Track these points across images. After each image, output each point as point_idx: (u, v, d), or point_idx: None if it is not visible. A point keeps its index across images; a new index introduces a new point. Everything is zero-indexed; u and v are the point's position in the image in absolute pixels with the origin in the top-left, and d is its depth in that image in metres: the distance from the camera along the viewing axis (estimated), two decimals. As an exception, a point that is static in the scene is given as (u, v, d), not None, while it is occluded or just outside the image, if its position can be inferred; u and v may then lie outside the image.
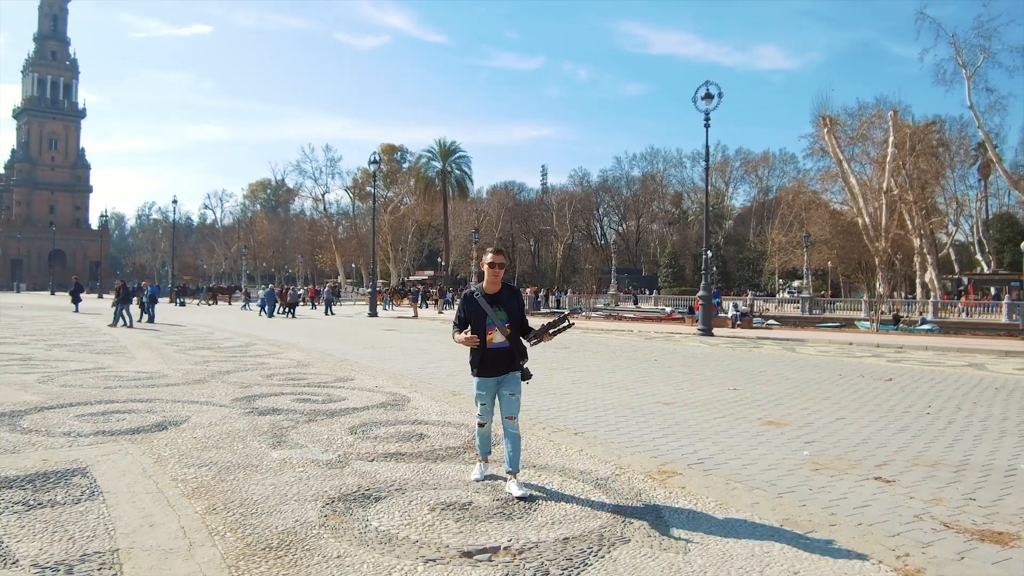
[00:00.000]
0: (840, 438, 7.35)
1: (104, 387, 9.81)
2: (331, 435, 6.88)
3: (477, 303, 5.13)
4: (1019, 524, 4.65)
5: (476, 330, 5.10)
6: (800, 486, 5.48)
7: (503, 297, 5.16)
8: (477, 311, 5.12)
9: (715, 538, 4.23)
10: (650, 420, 8.15)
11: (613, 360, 15.51)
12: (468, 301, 5.22)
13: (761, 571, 3.73)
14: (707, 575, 3.66)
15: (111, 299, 28.01)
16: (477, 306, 5.12)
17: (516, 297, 5.26)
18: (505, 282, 5.29)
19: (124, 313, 23.82)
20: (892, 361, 16.40)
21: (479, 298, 5.13)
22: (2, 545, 3.84)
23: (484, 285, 5.20)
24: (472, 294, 5.24)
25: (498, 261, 5.17)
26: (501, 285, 5.22)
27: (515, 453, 5.08)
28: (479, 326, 5.10)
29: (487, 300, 5.12)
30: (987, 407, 9.61)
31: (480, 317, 5.10)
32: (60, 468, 5.43)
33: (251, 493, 4.90)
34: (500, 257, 5.21)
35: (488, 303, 5.10)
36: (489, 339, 5.08)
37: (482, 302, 5.11)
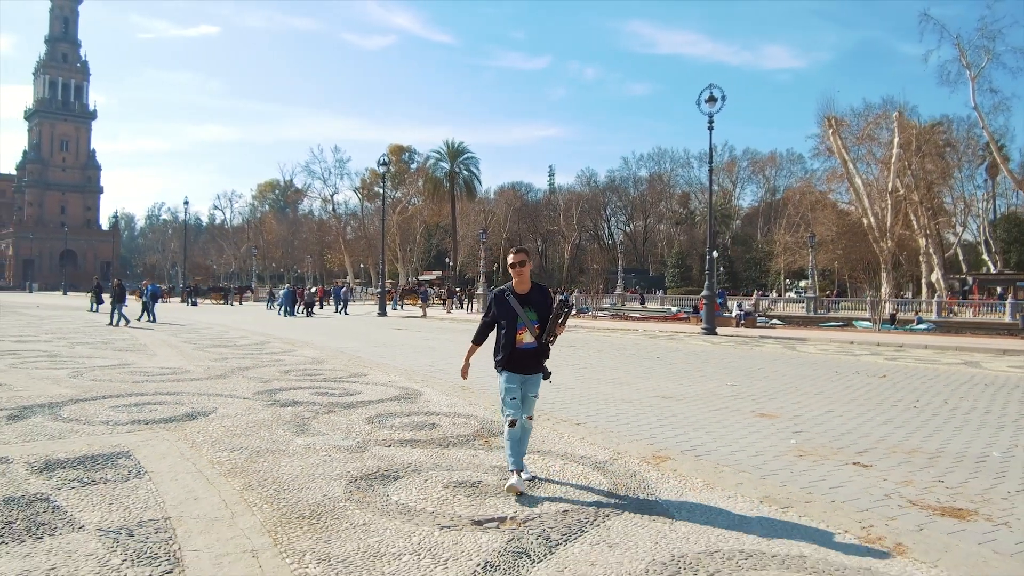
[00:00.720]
0: (827, 428, 7.82)
1: (132, 381, 10.36)
2: (350, 424, 7.38)
3: (508, 303, 5.10)
4: (979, 503, 5.12)
5: (508, 331, 5.09)
6: (783, 470, 5.95)
7: (533, 297, 5.13)
8: (508, 311, 5.09)
9: (700, 511, 4.72)
10: (648, 412, 8.64)
11: (616, 357, 15.99)
12: (499, 300, 5.17)
13: (738, 539, 4.21)
14: (689, 540, 4.15)
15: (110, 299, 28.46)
16: (508, 306, 5.09)
17: (546, 298, 5.20)
18: (537, 282, 5.26)
19: (117, 312, 24.17)
20: (889, 359, 16.82)
21: (510, 297, 5.11)
22: (67, 514, 4.35)
23: (514, 284, 5.16)
24: (503, 293, 5.17)
25: (517, 260, 5.13)
26: (531, 284, 5.20)
27: (524, 440, 5.26)
28: (510, 327, 5.08)
29: (517, 300, 5.09)
30: (973, 401, 10.05)
31: (511, 317, 5.07)
32: (105, 452, 5.95)
33: (281, 473, 5.41)
34: (521, 255, 5.16)
35: (519, 303, 5.08)
36: (519, 339, 5.08)
37: (513, 302, 5.09)
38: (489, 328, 5.28)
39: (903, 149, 49.40)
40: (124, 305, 24.79)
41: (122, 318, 24.21)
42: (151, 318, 27.47)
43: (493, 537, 4.11)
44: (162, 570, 3.52)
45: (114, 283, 26.03)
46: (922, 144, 50.54)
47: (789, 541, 4.18)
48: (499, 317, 5.14)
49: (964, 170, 64.54)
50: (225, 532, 4.09)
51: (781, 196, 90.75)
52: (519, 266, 5.13)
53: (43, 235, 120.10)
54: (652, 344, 20.75)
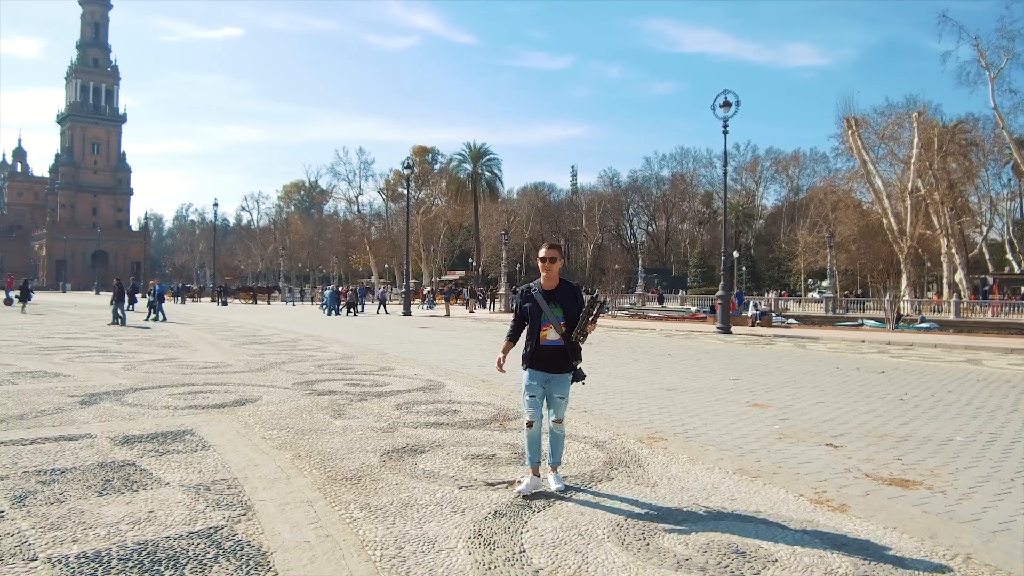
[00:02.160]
0: (812, 417, 8.61)
1: (181, 373, 11.37)
2: (380, 410, 8.29)
3: (534, 298, 5.04)
4: (927, 476, 5.90)
5: (532, 327, 5.06)
6: (761, 449, 6.77)
7: (560, 294, 5.06)
8: (533, 307, 5.04)
9: (679, 479, 5.55)
10: (651, 402, 9.46)
11: (629, 354, 16.80)
12: (525, 296, 5.14)
13: (707, 498, 5.05)
14: (664, 499, 4.99)
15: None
16: (534, 301, 5.04)
17: (574, 294, 5.13)
18: (565, 279, 5.19)
19: (119, 311, 24.55)
20: (895, 357, 17.47)
21: (536, 293, 5.05)
22: (153, 475, 5.29)
23: (541, 280, 5.12)
24: (529, 289, 5.14)
25: (549, 255, 5.06)
26: (559, 281, 5.13)
27: (558, 451, 5.20)
28: (535, 322, 5.04)
29: (543, 296, 5.03)
30: (958, 395, 10.76)
31: (536, 313, 5.03)
32: (172, 430, 6.90)
33: (324, 447, 6.32)
34: (553, 251, 5.10)
35: (545, 299, 5.02)
36: (543, 336, 5.01)
37: (539, 298, 5.02)
38: (521, 324, 5.18)
39: (924, 149, 49.55)
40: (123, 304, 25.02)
41: (121, 317, 24.49)
42: (160, 317, 27.82)
43: (502, 494, 4.98)
44: (238, 513, 4.43)
45: (114, 282, 26.45)
46: (944, 143, 50.61)
47: (749, 501, 5.01)
48: (525, 313, 5.10)
49: (990, 169, 64.39)
50: (283, 488, 5.00)
51: (804, 196, 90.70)
52: (550, 261, 5.05)
53: (75, 236, 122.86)
54: (666, 342, 21.52)
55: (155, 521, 4.26)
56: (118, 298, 24.93)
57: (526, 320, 5.11)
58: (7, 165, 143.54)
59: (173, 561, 3.66)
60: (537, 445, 5.11)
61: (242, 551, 3.82)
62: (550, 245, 5.14)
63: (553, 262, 5.06)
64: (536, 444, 5.11)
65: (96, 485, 4.99)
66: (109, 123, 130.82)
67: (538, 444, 5.12)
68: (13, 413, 7.58)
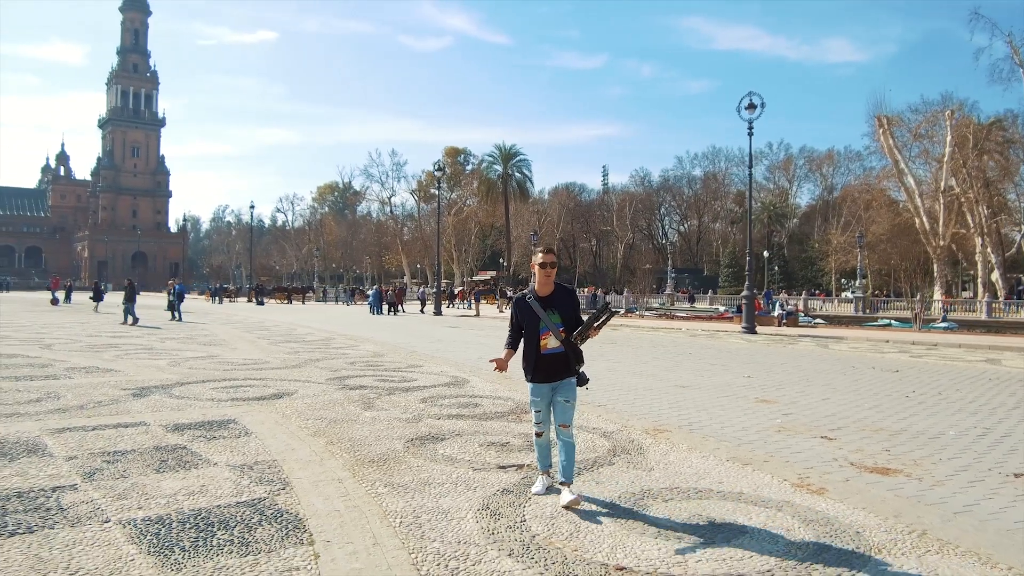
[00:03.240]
0: (815, 412, 9.05)
1: (222, 369, 12.12)
2: (407, 403, 8.91)
3: (530, 307, 4.90)
4: (909, 465, 6.35)
5: (528, 336, 4.93)
6: (758, 440, 7.25)
7: (556, 299, 4.92)
8: (529, 316, 4.90)
9: (675, 465, 6.08)
10: (663, 398, 9.97)
11: (651, 353, 17.27)
12: (520, 305, 5.00)
13: (696, 481, 5.57)
14: (658, 481, 5.52)
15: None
16: (530, 310, 4.90)
17: (570, 298, 4.99)
18: (559, 282, 5.04)
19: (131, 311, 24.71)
20: (915, 356, 17.71)
21: (531, 301, 4.90)
22: (202, 456, 5.95)
23: (536, 287, 5.00)
24: (524, 297, 5.00)
25: (549, 261, 4.91)
26: (554, 286, 4.98)
27: (569, 462, 4.92)
28: (532, 331, 4.90)
29: (539, 303, 4.90)
30: (965, 393, 11.10)
31: (533, 322, 4.88)
32: (216, 419, 7.59)
33: (354, 434, 6.95)
34: (551, 256, 4.96)
35: (541, 306, 4.87)
36: (543, 344, 4.87)
37: (535, 305, 4.88)
38: (518, 333, 5.04)
39: (958, 147, 49.11)
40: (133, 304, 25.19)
41: (129, 315, 24.61)
42: (177, 317, 28.14)
43: (512, 476, 5.55)
44: (277, 487, 5.06)
45: (126, 282, 26.77)
46: (980, 141, 50.06)
47: (737, 483, 5.52)
48: (521, 323, 4.98)
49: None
50: (317, 469, 5.63)
51: (838, 195, 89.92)
52: (551, 267, 4.92)
53: (116, 237, 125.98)
54: (690, 341, 21.93)
55: (207, 493, 4.91)
56: (129, 298, 25.22)
57: (523, 329, 4.98)
58: (51, 169, 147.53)
59: (224, 524, 4.30)
60: (547, 450, 5.13)
61: (281, 517, 4.44)
62: (547, 250, 5.01)
63: (554, 267, 4.95)
64: (545, 449, 5.11)
65: (153, 464, 5.66)
66: (148, 127, 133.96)
67: (548, 450, 5.13)
68: (74, 404, 8.33)
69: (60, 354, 14.07)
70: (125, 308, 25.08)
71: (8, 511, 4.44)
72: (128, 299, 25.28)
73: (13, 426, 6.97)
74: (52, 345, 16.00)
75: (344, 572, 3.62)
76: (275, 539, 4.07)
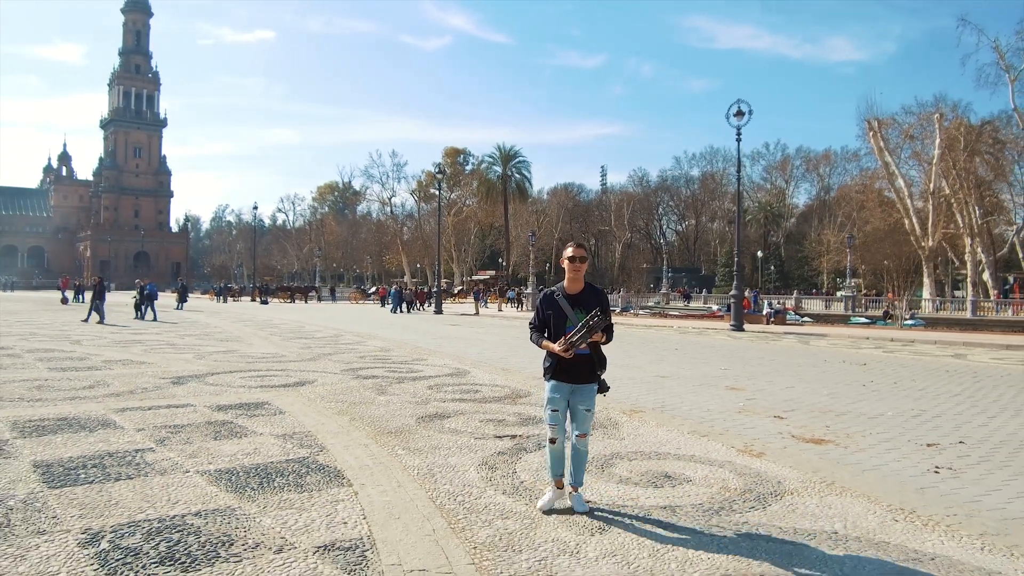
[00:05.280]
0: (776, 398, 10.24)
1: (245, 362, 13.30)
2: (415, 389, 10.10)
3: (557, 303, 4.74)
4: (841, 438, 7.53)
5: (555, 332, 4.72)
6: (719, 420, 8.44)
7: (585, 298, 4.72)
8: (557, 312, 4.73)
9: (643, 436, 7.26)
10: (643, 386, 11.16)
11: (640, 348, 18.46)
12: (548, 300, 4.83)
13: (658, 447, 6.75)
14: (627, 447, 6.71)
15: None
16: (557, 307, 4.73)
17: (599, 298, 4.76)
18: (589, 281, 4.88)
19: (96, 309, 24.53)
20: (888, 352, 18.89)
21: (560, 298, 4.74)
22: (249, 428, 7.13)
23: (565, 284, 4.80)
24: (553, 293, 4.83)
25: (579, 255, 4.73)
26: (584, 284, 4.81)
27: (580, 468, 4.86)
28: (558, 329, 4.70)
29: (568, 301, 4.73)
30: (919, 383, 12.29)
31: (560, 319, 4.71)
32: (252, 401, 8.77)
33: (372, 413, 8.14)
34: (581, 250, 4.77)
35: (569, 304, 4.71)
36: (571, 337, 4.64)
37: (563, 302, 4.71)
38: (541, 332, 4.86)
39: (948, 149, 50.27)
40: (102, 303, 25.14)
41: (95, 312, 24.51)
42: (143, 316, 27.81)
43: (506, 443, 6.74)
44: (316, 450, 6.25)
45: (95, 280, 26.47)
46: (971, 143, 51.17)
47: (691, 449, 6.70)
48: (547, 319, 4.80)
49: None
50: (345, 438, 6.81)
51: (834, 195, 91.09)
52: (580, 261, 4.73)
53: (119, 237, 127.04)
54: (679, 338, 23.13)
55: (259, 454, 6.09)
56: (99, 295, 25.01)
57: (548, 326, 4.80)
58: (53, 169, 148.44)
59: (279, 473, 5.49)
60: (560, 458, 4.88)
61: (323, 469, 5.63)
62: (578, 244, 4.80)
63: (583, 262, 4.75)
64: (559, 458, 4.87)
65: (210, 434, 6.85)
66: (150, 128, 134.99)
67: (561, 458, 4.88)
68: (124, 390, 9.52)
69: (91, 349, 15.25)
70: (93, 306, 24.77)
71: (107, 465, 5.63)
72: (97, 297, 25.01)
73: (80, 407, 8.15)
74: (80, 341, 17.17)
75: (379, 503, 4.80)
76: (321, 482, 5.26)
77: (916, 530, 4.55)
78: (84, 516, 4.41)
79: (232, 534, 4.16)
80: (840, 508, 4.98)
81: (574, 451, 4.82)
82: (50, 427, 7.00)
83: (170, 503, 4.72)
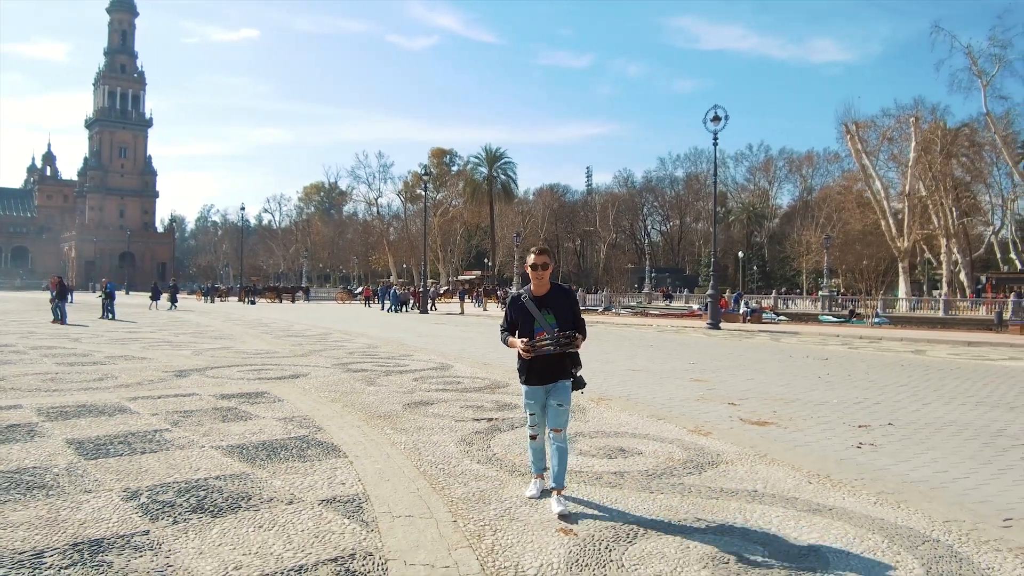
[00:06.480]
0: (735, 388, 11.12)
1: (241, 358, 14.08)
2: (402, 381, 10.92)
3: (524, 307, 4.87)
4: (784, 420, 8.41)
5: (523, 335, 4.86)
6: (678, 405, 9.30)
7: (551, 299, 4.86)
8: (524, 315, 4.87)
9: (607, 419, 8.11)
10: (614, 378, 12.02)
11: (617, 345, 19.35)
12: (514, 304, 4.97)
13: (618, 428, 7.61)
14: (590, 428, 7.55)
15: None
16: (525, 310, 4.87)
17: (566, 298, 4.92)
18: (556, 282, 5.00)
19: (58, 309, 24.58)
20: (853, 348, 19.86)
21: (527, 301, 4.87)
22: (252, 413, 7.93)
23: (532, 287, 4.94)
24: (519, 297, 4.96)
25: (540, 262, 4.82)
26: (550, 285, 4.92)
27: (561, 468, 4.85)
28: (526, 330, 4.84)
29: (535, 303, 4.85)
30: (872, 376, 13.21)
31: (528, 321, 4.84)
32: (252, 391, 9.57)
33: (363, 401, 8.96)
34: (543, 257, 4.85)
35: (536, 306, 4.83)
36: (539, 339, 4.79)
37: (529, 305, 4.85)
38: (513, 331, 5.03)
39: (924, 151, 51.53)
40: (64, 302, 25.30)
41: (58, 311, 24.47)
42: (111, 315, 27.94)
43: (483, 424, 7.58)
44: (314, 430, 7.07)
45: (53, 280, 26.32)
46: (947, 145, 52.42)
47: (647, 430, 7.56)
48: (516, 323, 4.95)
49: (1002, 168, 65.87)
50: (340, 420, 7.63)
51: (816, 195, 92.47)
52: (541, 268, 4.83)
53: (104, 237, 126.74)
54: (656, 336, 24.05)
55: (264, 433, 6.90)
56: (60, 295, 25.09)
57: (516, 329, 4.97)
58: (37, 168, 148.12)
59: (284, 447, 6.30)
60: (541, 454, 5.07)
61: (321, 445, 6.45)
62: (540, 251, 4.90)
63: (545, 269, 4.84)
64: (540, 453, 5.07)
65: (218, 417, 7.66)
66: (136, 128, 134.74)
67: (542, 453, 5.07)
68: (132, 382, 10.29)
69: (91, 346, 15.97)
70: (55, 305, 24.80)
71: (132, 442, 6.42)
72: (59, 296, 25.09)
73: (94, 396, 8.93)
74: (79, 339, 17.87)
75: (371, 470, 5.62)
76: (321, 455, 6.09)
77: (825, 490, 5.41)
78: (121, 479, 5.22)
79: (249, 491, 4.98)
80: (765, 474, 5.84)
81: (554, 450, 4.89)
82: (72, 412, 7.78)
83: (192, 470, 5.53)
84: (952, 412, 9.21)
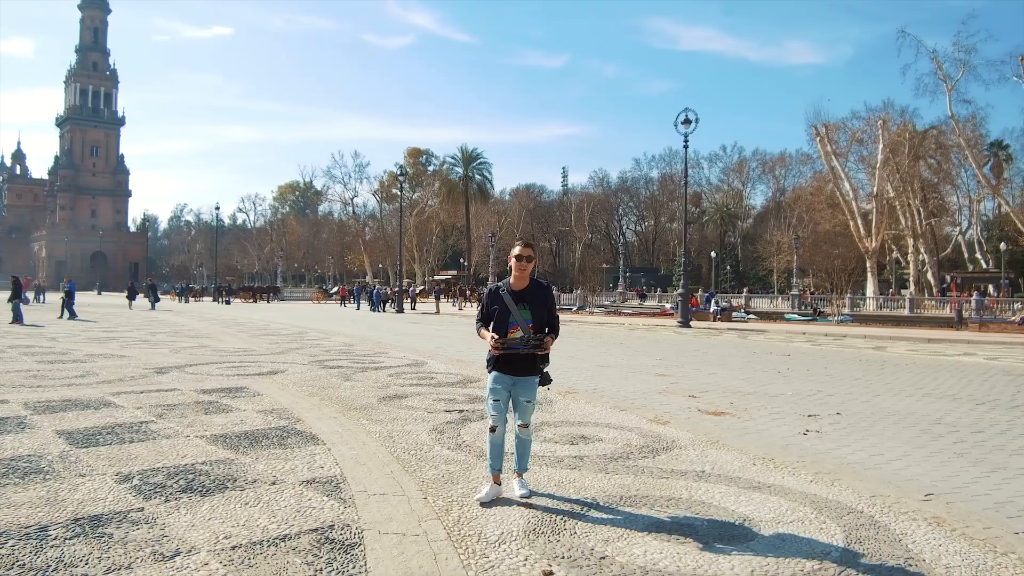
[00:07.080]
0: (696, 382, 11.63)
1: (219, 355, 14.37)
2: (377, 377, 11.31)
3: (502, 299, 4.90)
4: (739, 412, 8.91)
5: (497, 327, 4.88)
6: (642, 398, 9.78)
7: (530, 294, 4.91)
8: (501, 307, 4.89)
9: (572, 410, 8.56)
10: (583, 373, 12.49)
11: (587, 343, 19.85)
12: (493, 296, 4.99)
13: (582, 418, 8.05)
14: (555, 418, 8.00)
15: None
16: (501, 302, 4.89)
17: (544, 293, 4.98)
18: (536, 278, 5.05)
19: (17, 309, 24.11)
20: (816, 345, 20.53)
21: (504, 294, 4.90)
22: (233, 407, 8.28)
23: (511, 280, 4.97)
24: (498, 289, 4.99)
25: (526, 254, 4.89)
26: (529, 281, 4.97)
27: (524, 456, 5.09)
28: (501, 323, 4.87)
29: (512, 297, 4.88)
30: (829, 370, 13.81)
31: (503, 314, 4.87)
32: (232, 386, 9.90)
33: (340, 395, 9.34)
34: (528, 250, 4.93)
35: (513, 300, 4.86)
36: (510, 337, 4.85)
37: (507, 298, 4.87)
38: (487, 323, 5.02)
39: (892, 153, 52.65)
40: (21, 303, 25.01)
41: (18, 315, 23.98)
42: (67, 315, 27.65)
43: (453, 415, 7.99)
44: (293, 422, 7.44)
45: (10, 279, 26.06)
46: (915, 148, 53.58)
47: (609, 419, 8.01)
48: (492, 314, 4.96)
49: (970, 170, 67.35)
50: (317, 412, 8.01)
51: (788, 196, 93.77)
52: (526, 260, 4.90)
53: (75, 237, 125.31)
54: (627, 334, 24.59)
55: (246, 424, 7.27)
56: (16, 295, 24.80)
57: (492, 321, 4.95)
58: (6, 167, 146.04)
59: (265, 436, 6.68)
60: (499, 451, 5.02)
61: (301, 434, 6.84)
62: (526, 243, 4.99)
63: (530, 261, 4.92)
64: (498, 449, 5.02)
65: (200, 410, 8.00)
66: (108, 126, 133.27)
67: (500, 450, 5.03)
68: (113, 378, 10.58)
69: (69, 344, 16.15)
70: (13, 305, 24.40)
71: (120, 432, 6.76)
72: (16, 296, 24.81)
73: (78, 391, 9.23)
74: (56, 338, 18.03)
75: (348, 456, 6.02)
76: (300, 442, 6.48)
77: (767, 471, 5.89)
78: (113, 465, 5.57)
79: (234, 474, 5.37)
80: (714, 457, 6.32)
81: (518, 440, 5.06)
82: (58, 406, 8.08)
83: (179, 456, 5.89)
84: (899, 403, 9.77)
